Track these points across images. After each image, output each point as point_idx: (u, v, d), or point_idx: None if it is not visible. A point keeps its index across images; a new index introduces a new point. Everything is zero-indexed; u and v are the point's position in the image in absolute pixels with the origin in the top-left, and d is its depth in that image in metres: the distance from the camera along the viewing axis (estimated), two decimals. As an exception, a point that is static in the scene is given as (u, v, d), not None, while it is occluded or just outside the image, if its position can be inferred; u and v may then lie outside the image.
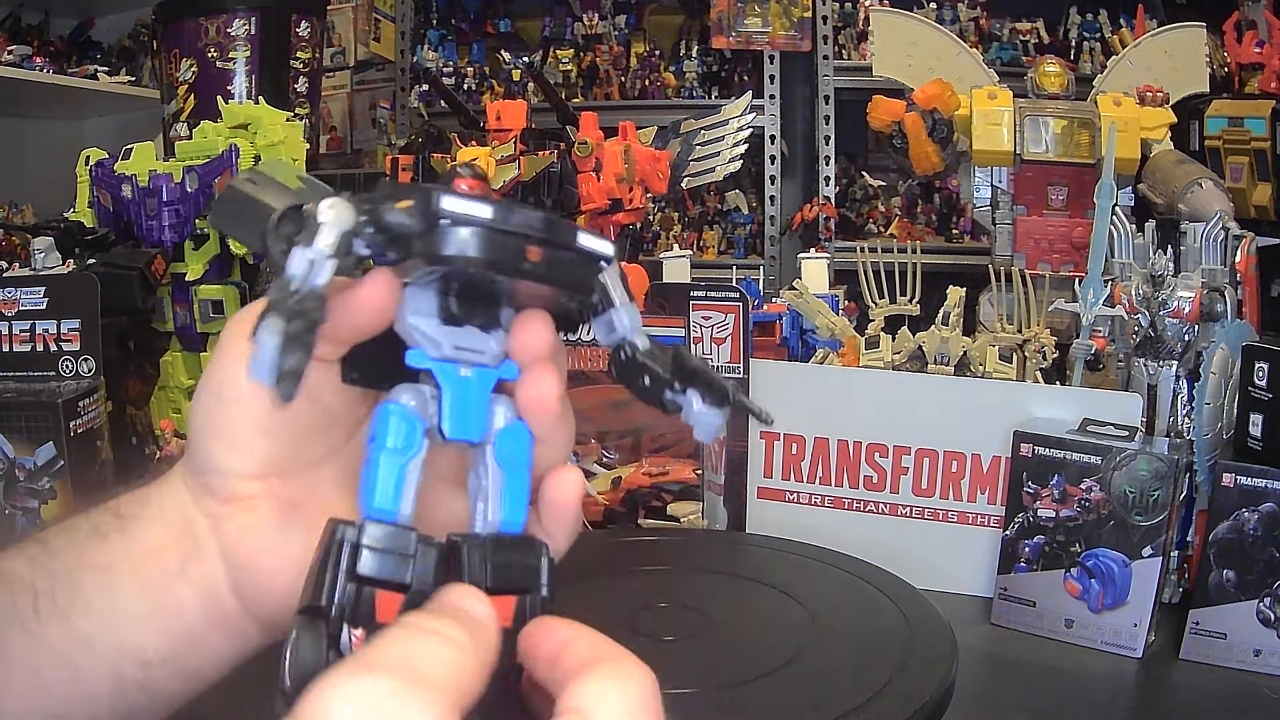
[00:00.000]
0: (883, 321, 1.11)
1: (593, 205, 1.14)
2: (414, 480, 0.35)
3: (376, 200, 0.34)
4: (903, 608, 0.68)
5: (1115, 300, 1.00)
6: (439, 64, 2.99)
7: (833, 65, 2.77)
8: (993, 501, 0.94)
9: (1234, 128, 1.80)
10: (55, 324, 1.01)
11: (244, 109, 1.09)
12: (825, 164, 2.78)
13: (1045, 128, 1.39)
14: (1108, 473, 0.84)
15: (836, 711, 0.57)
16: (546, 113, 1.35)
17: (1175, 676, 0.82)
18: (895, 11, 1.63)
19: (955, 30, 2.49)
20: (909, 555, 0.90)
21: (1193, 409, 0.92)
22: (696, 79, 2.89)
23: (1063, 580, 0.86)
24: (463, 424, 0.36)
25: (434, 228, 0.33)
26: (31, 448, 0.93)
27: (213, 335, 1.10)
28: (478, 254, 0.33)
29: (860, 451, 0.98)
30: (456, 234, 0.33)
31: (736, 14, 2.75)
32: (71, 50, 3.15)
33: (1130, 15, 2.47)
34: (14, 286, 1.02)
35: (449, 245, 0.33)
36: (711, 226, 2.97)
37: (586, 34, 2.95)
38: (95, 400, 0.99)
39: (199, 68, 2.02)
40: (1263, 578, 0.80)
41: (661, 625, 0.68)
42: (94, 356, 1.01)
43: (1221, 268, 1.04)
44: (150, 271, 1.05)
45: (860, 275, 1.13)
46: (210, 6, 2.02)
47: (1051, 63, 1.47)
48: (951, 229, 2.76)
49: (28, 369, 1.02)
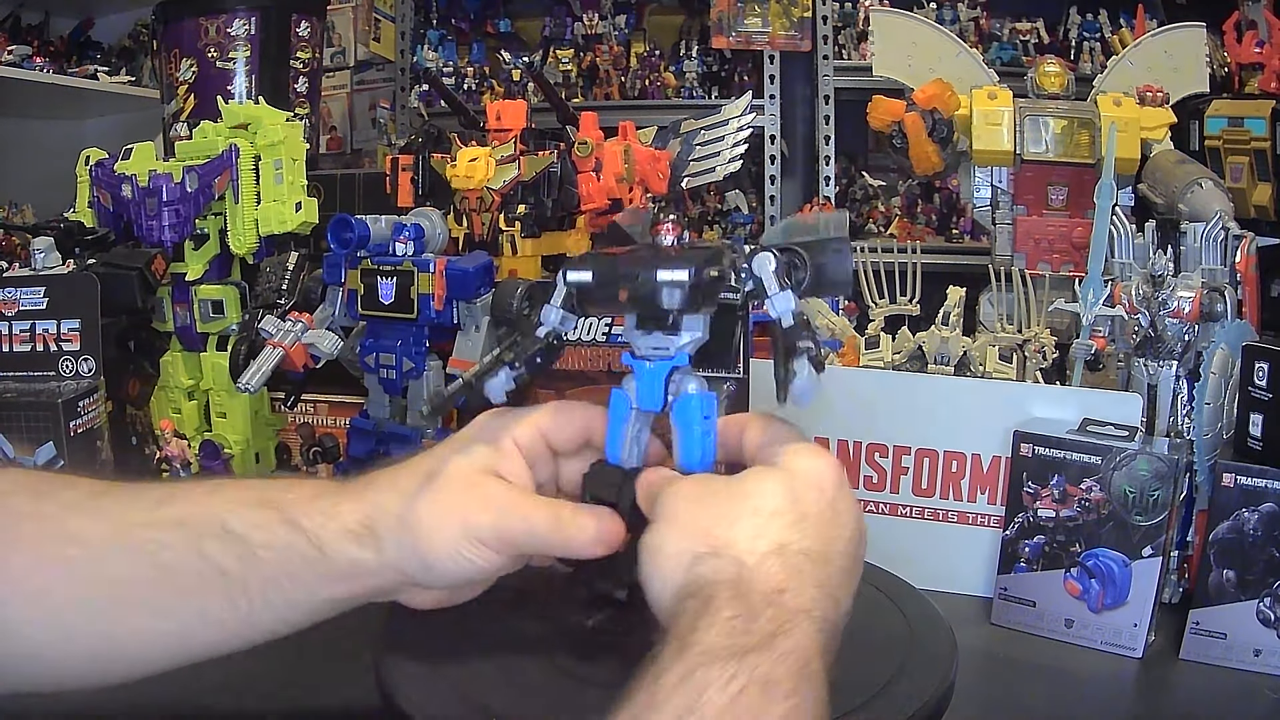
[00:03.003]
0: (883, 321, 1.11)
1: (593, 205, 1.14)
2: (630, 431, 0.57)
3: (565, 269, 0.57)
4: (903, 608, 0.68)
5: (1115, 300, 1.00)
6: (439, 64, 2.99)
7: (833, 65, 2.77)
8: (993, 501, 0.94)
9: (1234, 128, 1.80)
10: (55, 324, 1.01)
11: (244, 109, 1.08)
12: (825, 164, 2.78)
13: (1045, 128, 1.39)
14: (1108, 473, 0.84)
15: (836, 711, 0.57)
16: (546, 113, 1.35)
17: (1175, 676, 0.82)
18: (895, 11, 1.63)
19: (955, 30, 2.50)
20: (909, 555, 0.89)
21: (1193, 409, 0.92)
22: (696, 79, 2.89)
23: (1063, 580, 0.86)
24: (645, 399, 0.56)
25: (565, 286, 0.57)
26: (31, 448, 0.93)
27: (213, 335, 1.10)
28: (589, 302, 0.57)
29: (860, 451, 0.98)
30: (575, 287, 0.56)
31: (736, 14, 2.75)
32: (71, 50, 3.15)
33: (1130, 15, 2.47)
34: (14, 286, 1.02)
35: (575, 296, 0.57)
36: (711, 226, 2.97)
37: (586, 34, 2.95)
38: (95, 400, 0.99)
39: (199, 68, 2.02)
40: (1263, 578, 0.80)
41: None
42: (94, 356, 1.01)
43: (1221, 268, 1.04)
44: (150, 271, 1.05)
45: (860, 275, 1.13)
46: (210, 6, 2.02)
47: (1051, 63, 1.47)
48: (951, 229, 2.77)
49: (28, 369, 1.02)
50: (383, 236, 0.98)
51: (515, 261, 1.10)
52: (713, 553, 0.48)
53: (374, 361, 1.00)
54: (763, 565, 0.48)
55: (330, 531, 0.56)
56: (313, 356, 1.02)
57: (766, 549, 0.48)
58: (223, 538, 0.56)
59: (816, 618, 0.47)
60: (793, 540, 0.49)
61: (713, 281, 0.54)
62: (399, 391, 1.01)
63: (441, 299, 0.96)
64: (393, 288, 0.97)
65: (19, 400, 0.96)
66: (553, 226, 1.15)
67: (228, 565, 0.56)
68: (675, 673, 0.44)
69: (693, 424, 0.55)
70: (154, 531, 0.56)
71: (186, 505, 0.58)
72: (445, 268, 0.96)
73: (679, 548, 0.50)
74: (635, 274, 0.53)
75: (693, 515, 0.51)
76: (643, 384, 0.56)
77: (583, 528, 0.55)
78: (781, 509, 0.50)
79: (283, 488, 0.59)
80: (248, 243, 1.06)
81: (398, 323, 0.98)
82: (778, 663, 0.44)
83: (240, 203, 1.04)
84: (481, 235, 1.10)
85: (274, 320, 1.02)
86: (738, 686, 0.43)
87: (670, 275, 0.53)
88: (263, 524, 0.56)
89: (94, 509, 0.58)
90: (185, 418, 1.11)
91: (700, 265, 0.53)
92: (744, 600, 0.46)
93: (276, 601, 0.57)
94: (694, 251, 0.55)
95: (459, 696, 0.56)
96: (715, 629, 0.45)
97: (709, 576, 0.48)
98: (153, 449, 1.10)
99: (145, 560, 0.56)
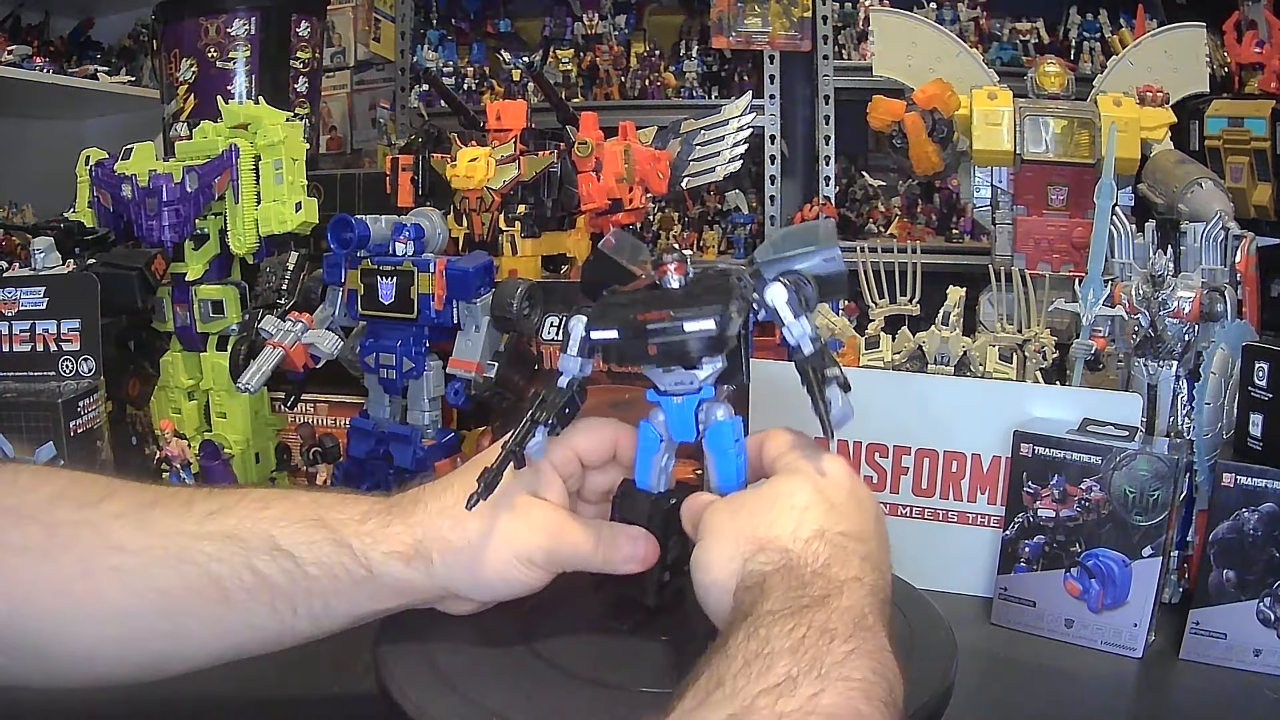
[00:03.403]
0: (883, 321, 1.11)
1: (593, 205, 1.14)
2: (659, 462, 0.62)
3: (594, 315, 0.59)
4: (903, 608, 0.67)
5: (1115, 300, 1.00)
6: (439, 64, 2.99)
7: (833, 65, 2.77)
8: (993, 501, 0.94)
9: (1234, 128, 1.80)
10: (55, 324, 1.01)
11: (244, 109, 1.08)
12: (825, 164, 2.78)
13: (1045, 128, 1.39)
14: (1108, 473, 0.84)
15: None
16: (546, 113, 1.35)
17: (1175, 676, 0.82)
18: (895, 11, 1.63)
19: (955, 30, 2.49)
20: (909, 555, 0.89)
21: (1193, 409, 0.92)
22: (696, 79, 2.89)
23: (1063, 580, 0.86)
24: (677, 431, 0.61)
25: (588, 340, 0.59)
26: (31, 448, 0.92)
27: (213, 335, 1.10)
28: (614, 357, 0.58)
29: (860, 451, 0.98)
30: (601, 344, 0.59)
31: (736, 14, 2.75)
32: (71, 50, 3.15)
33: (1130, 15, 2.47)
34: (14, 286, 1.02)
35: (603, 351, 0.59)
36: (711, 226, 2.97)
37: (586, 34, 2.95)
38: (95, 400, 0.99)
39: (199, 68, 2.02)
40: (1263, 578, 0.80)
41: (658, 624, 0.68)
42: (94, 356, 1.01)
43: (1221, 268, 1.04)
44: (150, 271, 1.05)
45: (860, 275, 1.13)
46: (210, 6, 2.01)
47: (1051, 63, 1.47)
48: (951, 229, 2.76)
49: (28, 369, 1.01)
50: (383, 236, 0.98)
51: (515, 261, 1.10)
52: (760, 549, 0.54)
53: (374, 361, 1.00)
54: (808, 548, 0.53)
55: (379, 552, 0.60)
56: (313, 356, 1.02)
57: (809, 534, 0.54)
58: (273, 554, 0.59)
59: (867, 583, 0.52)
60: (830, 525, 0.55)
61: (734, 323, 0.57)
62: (399, 391, 1.01)
63: (441, 299, 0.96)
64: (393, 288, 0.97)
65: (19, 400, 0.96)
66: (553, 226, 1.15)
67: (277, 580, 0.59)
68: (741, 633, 0.49)
69: (727, 449, 0.60)
70: (204, 544, 0.59)
71: (236, 519, 0.60)
72: (445, 268, 0.96)
73: (729, 554, 0.55)
74: (661, 328, 0.56)
75: (736, 525, 0.56)
76: (673, 418, 0.61)
77: (622, 549, 0.61)
78: (813, 502, 0.55)
79: (333, 504, 0.62)
80: (248, 243, 1.05)
81: (398, 323, 0.98)
82: (834, 616, 0.49)
83: (240, 203, 1.04)
84: (481, 235, 1.10)
85: (274, 320, 1.02)
86: (800, 634, 0.47)
87: (698, 327, 0.55)
88: (312, 541, 0.59)
89: (142, 520, 0.60)
90: (185, 418, 1.11)
91: (724, 314, 0.55)
92: (795, 575, 0.52)
93: (319, 613, 0.60)
94: (708, 294, 0.57)
95: (459, 696, 0.56)
96: (772, 599, 0.50)
97: (761, 569, 0.53)
98: (153, 449, 1.10)
99: (195, 572, 0.58)
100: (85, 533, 0.59)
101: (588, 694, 0.57)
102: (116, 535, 0.59)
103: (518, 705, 0.56)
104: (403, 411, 1.01)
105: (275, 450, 1.15)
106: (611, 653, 0.61)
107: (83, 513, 0.60)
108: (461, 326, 0.98)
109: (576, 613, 0.64)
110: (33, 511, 0.59)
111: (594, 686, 0.58)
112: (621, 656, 0.60)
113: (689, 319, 0.56)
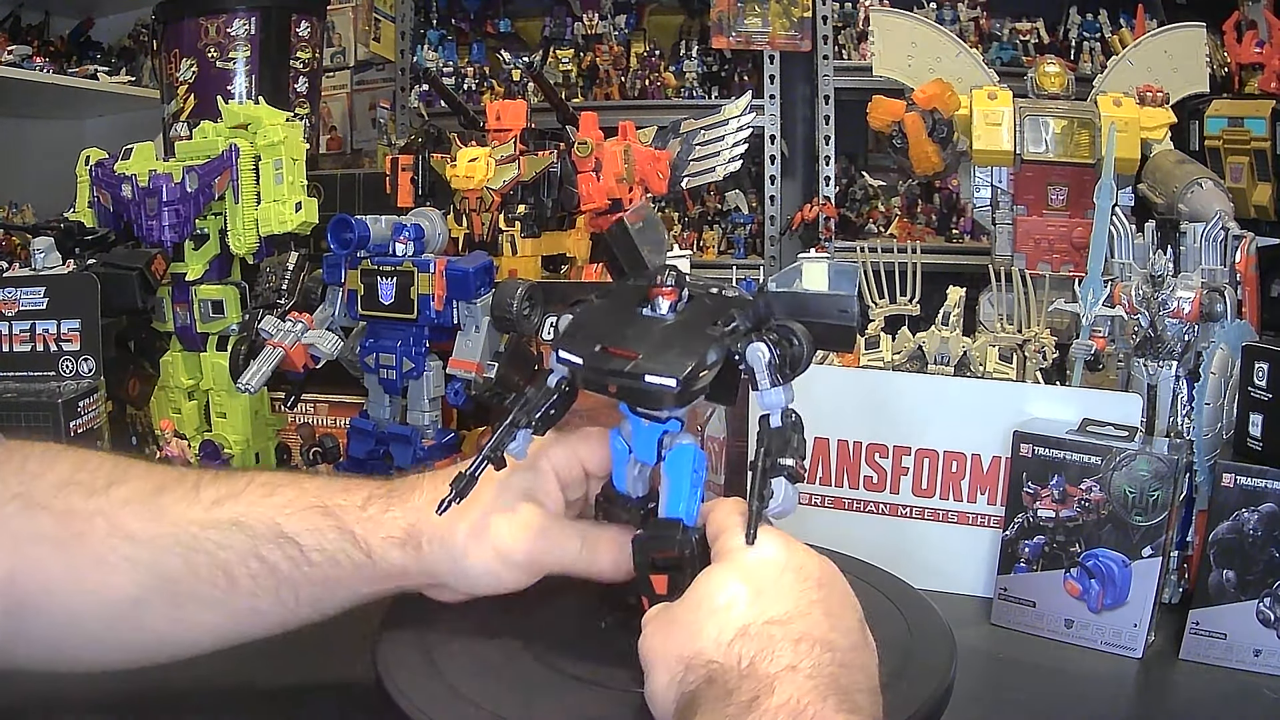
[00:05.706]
0: (883, 321, 1.11)
1: (593, 205, 1.14)
2: (631, 471, 0.61)
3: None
4: (902, 608, 0.68)
5: (1115, 300, 0.99)
6: (439, 64, 2.99)
7: (833, 65, 2.77)
8: (993, 501, 0.94)
9: (1234, 128, 1.80)
10: (55, 324, 1.02)
11: (244, 109, 1.08)
12: (825, 164, 2.78)
13: (1045, 128, 1.39)
14: (1108, 473, 0.83)
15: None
16: (546, 113, 1.35)
17: (1175, 676, 0.82)
18: (895, 11, 1.63)
19: (955, 30, 2.50)
20: (909, 555, 0.90)
21: (1193, 409, 0.92)
22: (696, 79, 2.89)
23: (1063, 580, 0.86)
24: (641, 453, 0.60)
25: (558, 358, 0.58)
26: (31, 448, 0.92)
27: (213, 335, 1.10)
28: (582, 382, 0.58)
29: (860, 451, 0.98)
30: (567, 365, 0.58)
31: (736, 14, 2.75)
32: (71, 50, 3.15)
33: (1130, 15, 2.48)
34: (14, 286, 1.02)
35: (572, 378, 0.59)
36: (711, 226, 2.97)
37: (586, 34, 2.95)
38: (95, 400, 0.99)
39: (199, 68, 2.02)
40: (1263, 578, 0.80)
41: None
42: (94, 356, 1.01)
43: (1221, 268, 1.04)
44: (150, 271, 1.05)
45: (860, 275, 1.13)
46: (210, 6, 2.01)
47: (1051, 63, 1.47)
48: (951, 229, 2.77)
49: (28, 369, 1.02)
50: (383, 236, 0.98)
51: (515, 261, 1.10)
52: (687, 668, 0.51)
53: (374, 361, 1.00)
54: (730, 653, 0.50)
55: (378, 538, 0.61)
56: (313, 356, 1.02)
57: (731, 636, 0.51)
58: (279, 541, 0.60)
59: (804, 669, 0.49)
60: (756, 616, 0.51)
61: (702, 379, 0.54)
62: (399, 391, 1.01)
63: (441, 299, 0.96)
64: (393, 288, 0.97)
65: (19, 400, 0.96)
66: (553, 226, 1.15)
67: (282, 567, 0.60)
68: None
69: (683, 476, 0.58)
70: (212, 532, 0.60)
71: (244, 506, 0.62)
72: (445, 268, 0.96)
73: (664, 682, 0.52)
74: (622, 369, 0.54)
75: (666, 647, 0.53)
76: (638, 437, 0.59)
77: (604, 558, 0.61)
78: (735, 597, 0.52)
79: (337, 491, 0.63)
80: (248, 243, 1.05)
81: (398, 323, 0.98)
82: (764, 718, 0.46)
83: (240, 203, 1.04)
84: (481, 235, 1.10)
85: (274, 320, 1.02)
86: None
87: (658, 382, 0.53)
88: (317, 529, 0.61)
89: (151, 507, 0.61)
90: (185, 418, 1.11)
91: (690, 374, 0.52)
92: (721, 685, 0.49)
93: (321, 597, 0.62)
94: (687, 339, 0.55)
95: (459, 696, 0.56)
96: (701, 716, 0.48)
97: (690, 689, 0.51)
98: (153, 449, 1.10)
99: (203, 559, 0.60)
100: (98, 522, 0.60)
101: (589, 693, 0.57)
102: (127, 524, 0.60)
103: (516, 705, 0.56)
104: (403, 412, 1.01)
105: (275, 450, 1.15)
106: (606, 650, 0.61)
107: (94, 500, 0.61)
108: (461, 327, 0.98)
109: (574, 610, 0.64)
110: (43, 499, 0.60)
111: (592, 686, 0.58)
112: (616, 654, 0.60)
113: (651, 372, 0.53)
